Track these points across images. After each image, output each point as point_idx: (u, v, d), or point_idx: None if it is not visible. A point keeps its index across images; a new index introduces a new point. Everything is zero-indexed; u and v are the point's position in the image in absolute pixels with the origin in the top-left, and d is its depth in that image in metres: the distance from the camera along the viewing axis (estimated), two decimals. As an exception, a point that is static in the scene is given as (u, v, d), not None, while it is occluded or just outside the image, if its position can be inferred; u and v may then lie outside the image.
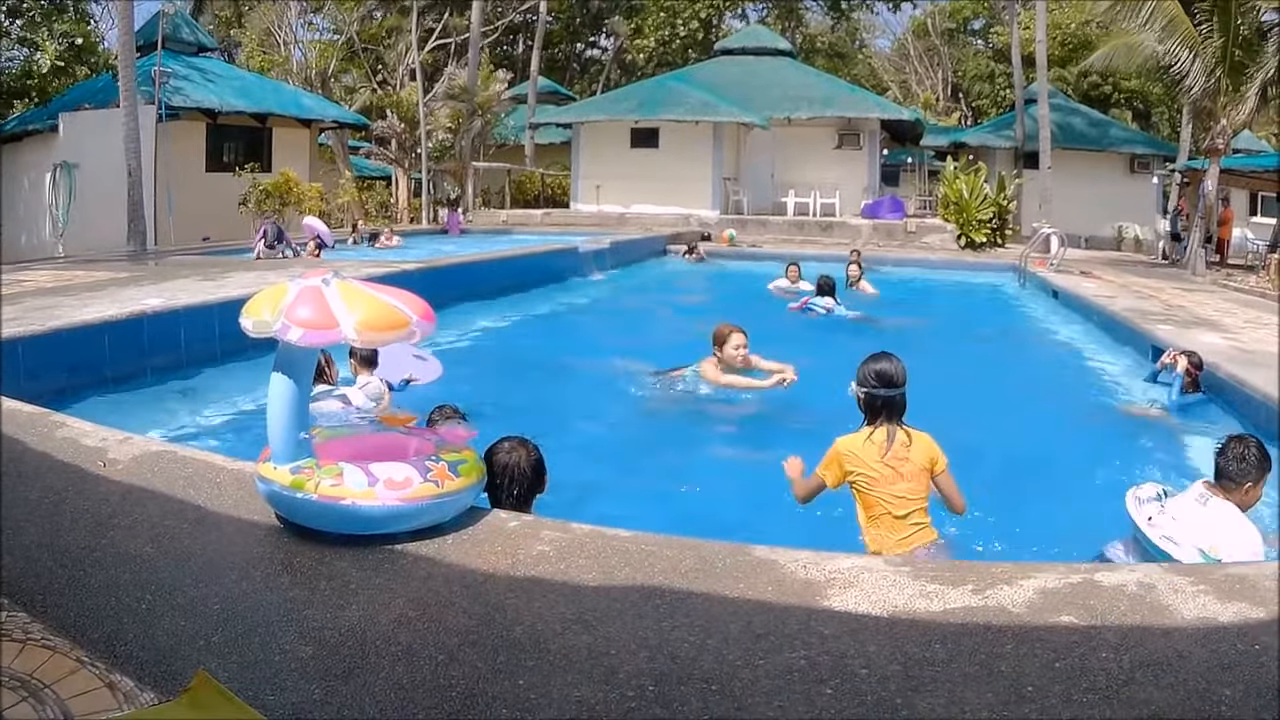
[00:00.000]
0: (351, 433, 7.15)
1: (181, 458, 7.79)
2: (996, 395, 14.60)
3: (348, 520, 6.03)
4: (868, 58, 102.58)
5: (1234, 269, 37.13)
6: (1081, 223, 47.72)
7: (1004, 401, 14.24)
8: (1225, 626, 5.06)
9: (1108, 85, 77.33)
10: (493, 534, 6.28)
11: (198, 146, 39.36)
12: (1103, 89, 77.56)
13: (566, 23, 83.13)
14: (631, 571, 5.74)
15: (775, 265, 27.37)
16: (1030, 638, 4.90)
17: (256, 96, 41.39)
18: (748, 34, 62.73)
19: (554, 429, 10.56)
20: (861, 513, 7.93)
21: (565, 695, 4.38)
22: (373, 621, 5.05)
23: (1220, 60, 32.89)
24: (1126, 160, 55.74)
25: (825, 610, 5.26)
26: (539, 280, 26.01)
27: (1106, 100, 77.57)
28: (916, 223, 43.43)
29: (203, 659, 4.60)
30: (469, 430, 7.07)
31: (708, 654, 4.75)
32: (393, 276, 19.49)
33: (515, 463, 6.99)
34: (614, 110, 48.26)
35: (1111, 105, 77.49)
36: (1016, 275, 31.10)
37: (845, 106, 50.21)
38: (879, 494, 7.74)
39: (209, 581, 5.56)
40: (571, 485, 9.34)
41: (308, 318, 5.77)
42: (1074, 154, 52.51)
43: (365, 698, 4.36)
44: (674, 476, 10.87)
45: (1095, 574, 5.71)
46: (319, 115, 44.95)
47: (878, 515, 7.77)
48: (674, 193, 45.61)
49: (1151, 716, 4.22)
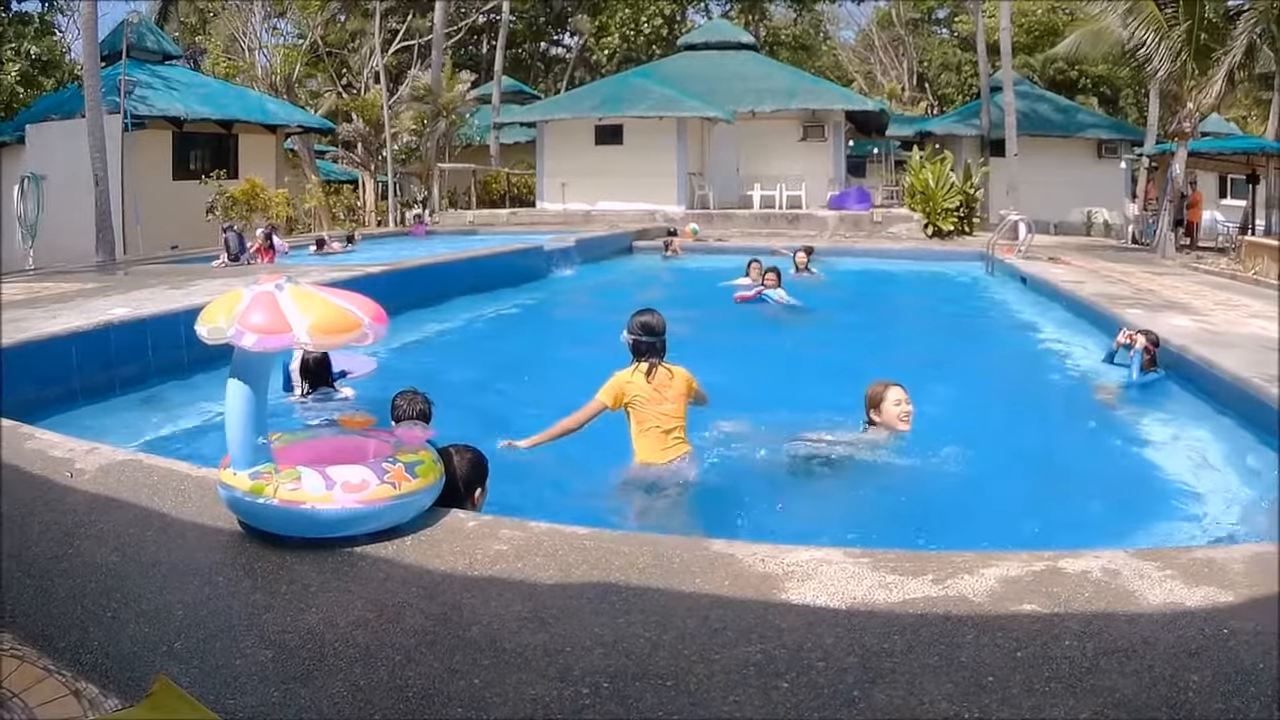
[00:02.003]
0: (310, 436, 7.16)
1: (147, 466, 7.84)
2: (954, 379, 14.59)
3: (307, 524, 6.08)
4: (832, 49, 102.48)
5: (1204, 251, 37.20)
6: (1050, 208, 47.73)
7: (962, 385, 14.23)
8: (1192, 611, 5.09)
9: (1074, 71, 77.40)
10: (451, 534, 6.33)
11: (164, 155, 39.21)
12: (1069, 75, 77.67)
13: (530, 22, 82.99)
14: (589, 569, 5.78)
15: (744, 259, 27.32)
16: (991, 627, 4.92)
17: (222, 103, 41.22)
18: (710, 28, 62.83)
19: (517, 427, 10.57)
20: (635, 428, 9.75)
21: (520, 694, 4.43)
22: (331, 624, 5.10)
23: (1186, 44, 32.93)
24: (1094, 145, 55.67)
25: (782, 603, 5.29)
26: (505, 280, 25.89)
27: (1073, 86, 77.70)
28: (883, 213, 43.43)
29: (165, 665, 4.66)
30: (426, 431, 7.10)
31: (663, 650, 4.79)
32: (357, 280, 19.60)
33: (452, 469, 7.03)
34: (578, 108, 48.26)
35: (1078, 91, 77.60)
36: (984, 262, 31.07)
37: (809, 98, 50.25)
38: (649, 412, 9.66)
39: (172, 588, 5.63)
40: (534, 482, 9.49)
41: (261, 323, 5.81)
42: (1041, 140, 52.52)
43: (323, 699, 4.41)
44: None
45: (1058, 561, 5.73)
46: (284, 121, 44.78)
47: (647, 429, 9.68)
48: (639, 189, 45.68)
49: (1116, 704, 4.23)
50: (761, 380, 14.97)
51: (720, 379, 13.13)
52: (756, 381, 14.75)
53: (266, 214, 36.19)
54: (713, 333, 19.05)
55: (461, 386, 14.19)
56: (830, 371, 15.65)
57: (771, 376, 15.40)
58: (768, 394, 13.93)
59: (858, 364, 15.37)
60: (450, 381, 14.56)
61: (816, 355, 17.31)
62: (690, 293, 26.44)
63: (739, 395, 13.31)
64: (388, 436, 6.94)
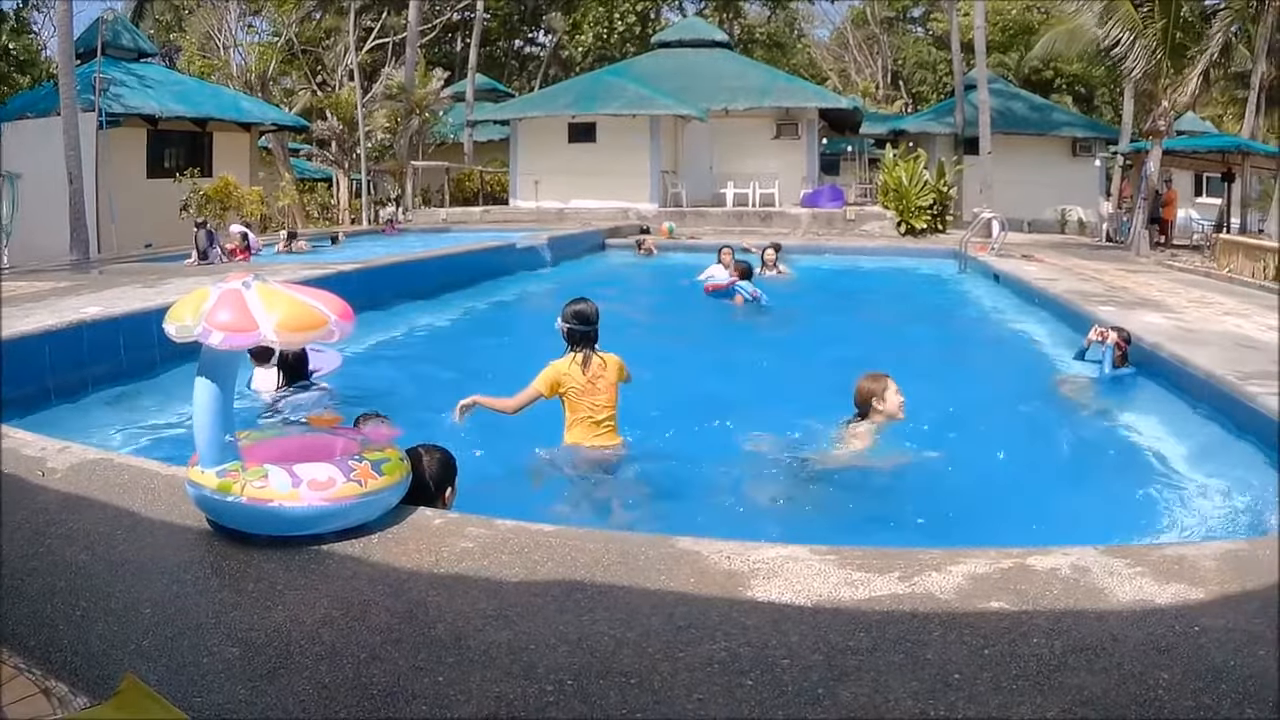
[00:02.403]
0: (278, 434, 7.20)
1: (117, 465, 7.87)
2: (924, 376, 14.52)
3: (274, 522, 6.11)
4: (806, 47, 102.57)
5: (1179, 249, 37.27)
6: (1024, 206, 47.84)
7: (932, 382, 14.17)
8: (1162, 608, 5.12)
9: (1049, 70, 77.69)
10: (417, 532, 6.36)
11: (138, 153, 38.98)
12: (1044, 74, 77.93)
13: (504, 20, 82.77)
14: (554, 566, 5.80)
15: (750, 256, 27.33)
16: (958, 624, 4.95)
17: (196, 101, 40.94)
18: (684, 26, 62.77)
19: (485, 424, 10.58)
20: (568, 416, 10.28)
21: (484, 691, 4.45)
22: (298, 622, 5.12)
23: (1161, 42, 32.98)
24: (1069, 144, 55.86)
25: (748, 601, 5.32)
26: (476, 278, 25.86)
27: (1048, 85, 77.99)
28: (856, 210, 43.46)
29: (134, 663, 4.68)
30: (393, 429, 7.12)
31: (627, 647, 4.81)
32: (329, 278, 19.61)
33: (419, 468, 7.06)
34: (551, 106, 48.24)
35: (1053, 90, 77.85)
36: (957, 260, 31.04)
37: (783, 96, 50.35)
38: (583, 403, 10.19)
39: (141, 586, 5.63)
40: (502, 480, 9.64)
41: (228, 321, 5.84)
42: (1016, 138, 52.68)
43: (289, 697, 4.42)
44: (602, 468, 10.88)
45: (1027, 558, 5.76)
46: (259, 119, 44.54)
47: (581, 419, 10.21)
48: (612, 187, 45.64)
49: (1084, 702, 4.25)
50: (729, 376, 15.11)
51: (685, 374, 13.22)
52: (723, 378, 14.93)
53: (240, 212, 36.06)
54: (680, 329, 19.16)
55: (431, 385, 14.15)
56: (798, 368, 15.71)
57: (740, 373, 15.49)
58: (734, 391, 14.08)
59: (826, 361, 15.45)
60: (420, 380, 14.58)
61: (784, 352, 17.33)
62: (663, 289, 26.51)
63: (702, 391, 13.65)
64: (355, 434, 6.99)
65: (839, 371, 11.70)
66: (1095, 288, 21.97)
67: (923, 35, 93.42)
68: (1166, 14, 32.80)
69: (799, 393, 13.58)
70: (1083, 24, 36.87)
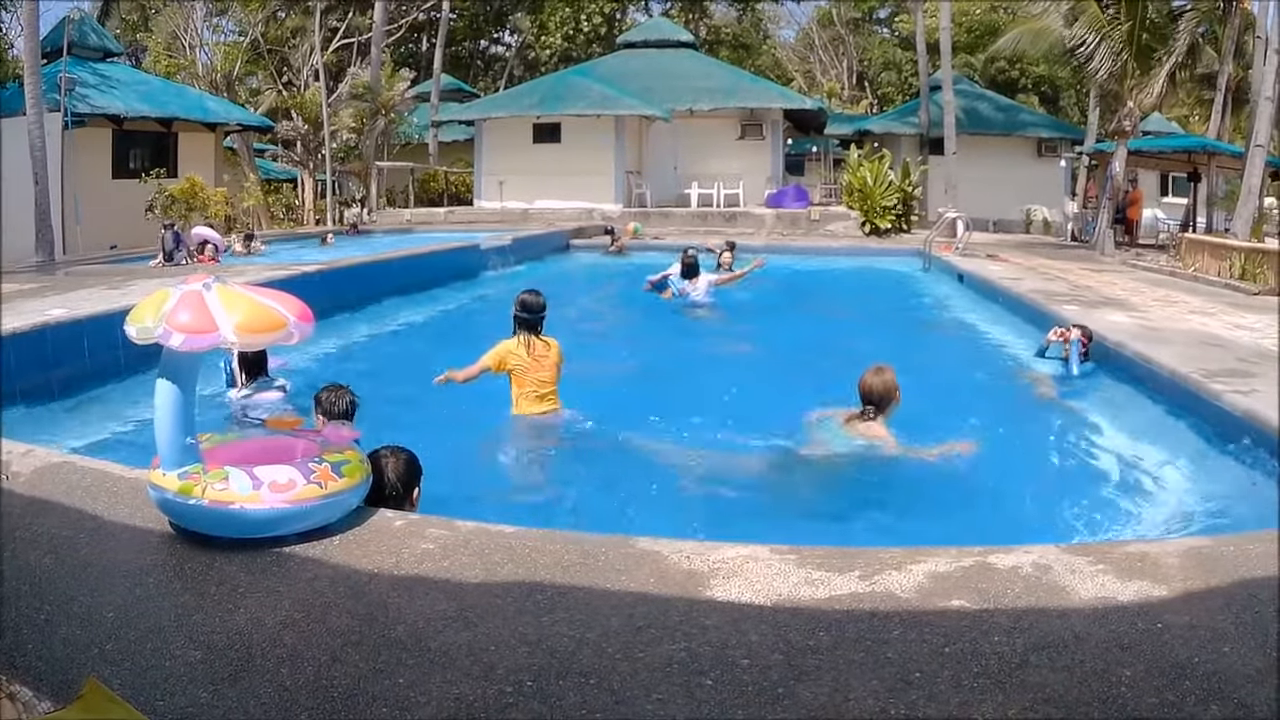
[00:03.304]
0: (239, 437, 7.20)
1: (81, 468, 7.85)
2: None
3: (235, 524, 6.12)
4: (772, 48, 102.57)
5: (1144, 249, 37.41)
6: (990, 206, 47.86)
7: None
8: (1125, 606, 5.14)
9: (1015, 70, 78.02)
10: (378, 533, 6.37)
11: (103, 153, 38.75)
12: (1010, 74, 78.28)
13: (470, 20, 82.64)
14: (514, 567, 5.82)
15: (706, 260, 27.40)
16: (919, 623, 4.96)
17: (161, 101, 40.75)
18: (649, 27, 62.89)
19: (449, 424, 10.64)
20: (514, 390, 11.74)
21: (444, 693, 4.46)
22: (259, 624, 5.12)
23: (1127, 44, 33.06)
24: (1034, 144, 55.98)
25: (707, 601, 5.34)
26: (441, 279, 25.81)
27: (1014, 85, 78.29)
28: (821, 211, 43.67)
29: (97, 667, 4.68)
30: (353, 431, 7.12)
31: (587, 648, 4.83)
32: (293, 279, 19.57)
33: (385, 471, 7.12)
34: (516, 106, 48.33)
35: (1019, 90, 78.08)
36: (921, 259, 31.14)
37: (747, 97, 50.55)
38: (528, 378, 11.67)
39: (104, 590, 5.62)
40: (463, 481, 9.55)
41: (188, 322, 5.86)
42: (981, 139, 52.71)
43: (250, 700, 4.43)
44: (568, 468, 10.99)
45: (988, 556, 5.77)
46: (224, 119, 44.34)
47: (526, 393, 11.68)
48: (577, 187, 45.74)
49: (1046, 700, 4.27)
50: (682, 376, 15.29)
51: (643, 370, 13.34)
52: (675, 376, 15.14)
53: (205, 213, 35.97)
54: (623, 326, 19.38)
55: (394, 385, 14.19)
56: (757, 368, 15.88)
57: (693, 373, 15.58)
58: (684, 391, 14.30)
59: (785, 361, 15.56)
60: (383, 380, 14.60)
61: (739, 353, 17.54)
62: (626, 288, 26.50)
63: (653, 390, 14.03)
64: (315, 436, 7.00)
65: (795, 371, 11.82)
66: (1059, 287, 22.08)
67: (888, 36, 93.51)
68: (1133, 15, 32.88)
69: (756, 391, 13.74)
70: (1048, 25, 36.94)
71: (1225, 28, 40.00)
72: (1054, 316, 17.05)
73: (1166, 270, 27.79)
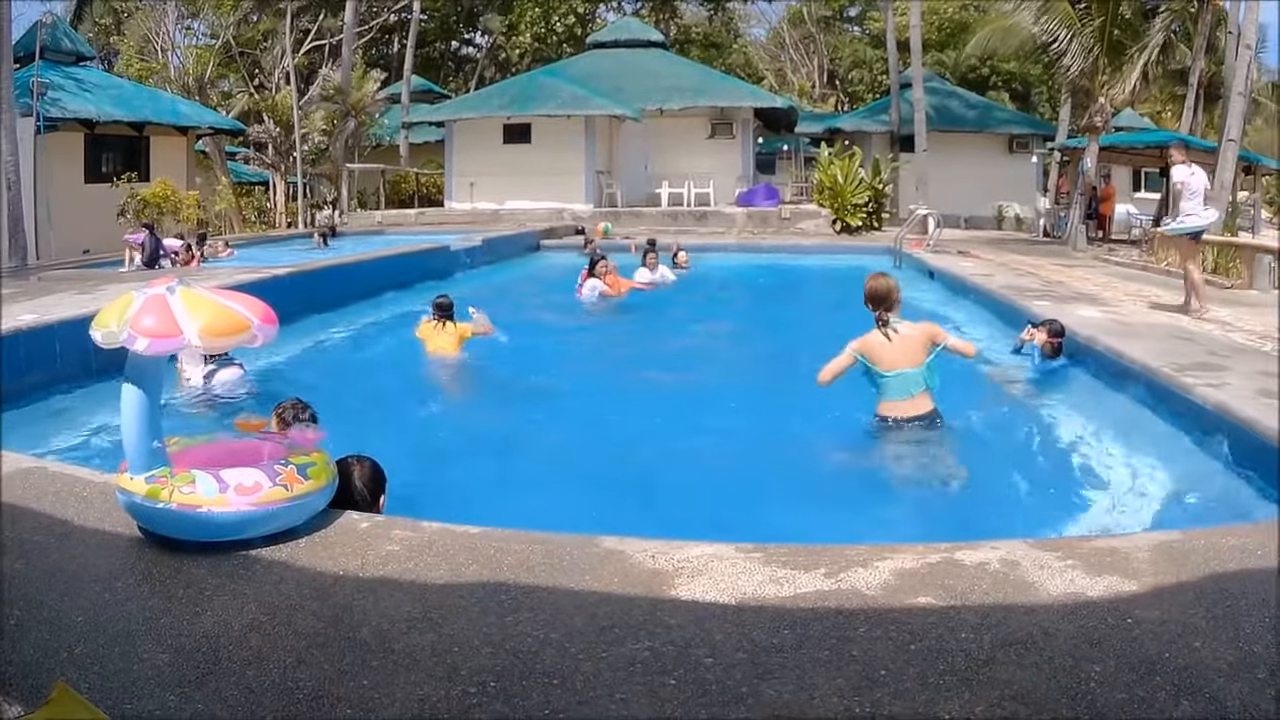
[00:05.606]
0: (206, 440, 7.21)
1: (51, 473, 7.85)
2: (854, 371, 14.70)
3: (202, 528, 6.12)
4: (743, 47, 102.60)
5: (1116, 244, 37.55)
6: (961, 203, 48.04)
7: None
8: (1094, 601, 5.14)
9: (985, 68, 78.11)
10: (344, 535, 6.38)
11: (76, 158, 38.62)
12: (980, 71, 78.36)
13: (441, 21, 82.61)
14: (479, 568, 5.83)
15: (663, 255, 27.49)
16: (884, 620, 4.96)
17: (134, 105, 40.69)
18: (619, 26, 62.93)
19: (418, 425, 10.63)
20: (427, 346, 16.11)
21: (408, 694, 4.47)
22: (226, 627, 5.12)
23: (1099, 40, 33.14)
24: (1005, 140, 56.26)
25: (672, 600, 5.35)
26: (411, 281, 25.75)
27: (984, 83, 78.39)
28: (792, 209, 43.83)
29: (66, 671, 4.68)
30: (318, 433, 7.15)
31: (550, 648, 4.84)
32: (263, 282, 19.51)
33: (353, 478, 7.17)
34: (486, 107, 48.34)
35: (990, 87, 78.22)
36: (891, 256, 31.09)
37: (717, 96, 50.62)
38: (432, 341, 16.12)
39: (74, 595, 5.62)
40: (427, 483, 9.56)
41: (152, 326, 5.87)
42: (952, 136, 52.94)
43: (217, 702, 4.44)
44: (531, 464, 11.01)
45: (955, 553, 5.78)
46: (196, 122, 44.26)
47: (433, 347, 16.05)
48: (547, 187, 45.86)
49: (1014, 697, 4.26)
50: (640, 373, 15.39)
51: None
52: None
53: (178, 217, 35.90)
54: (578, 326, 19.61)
55: (361, 389, 14.24)
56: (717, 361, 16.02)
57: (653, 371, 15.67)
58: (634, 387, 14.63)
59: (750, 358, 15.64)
60: (349, 384, 14.66)
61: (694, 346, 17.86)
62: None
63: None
64: (281, 439, 7.03)
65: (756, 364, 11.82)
66: (1031, 282, 22.12)
67: (859, 34, 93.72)
68: (1105, 12, 32.96)
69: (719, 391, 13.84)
70: (1019, 22, 37.08)
71: (1197, 24, 40.17)
72: (1025, 312, 17.08)
73: (1139, 265, 27.91)
